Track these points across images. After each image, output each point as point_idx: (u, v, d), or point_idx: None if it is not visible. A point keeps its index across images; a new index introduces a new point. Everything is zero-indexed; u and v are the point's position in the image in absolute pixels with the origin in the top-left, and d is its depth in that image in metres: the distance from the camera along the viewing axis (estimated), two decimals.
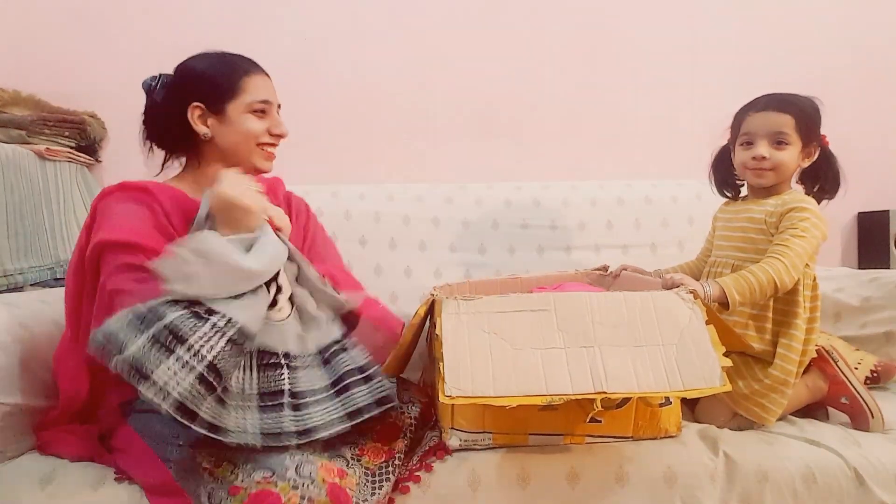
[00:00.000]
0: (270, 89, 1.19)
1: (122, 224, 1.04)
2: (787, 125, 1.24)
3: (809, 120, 1.25)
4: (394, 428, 1.08)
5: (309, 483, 0.88)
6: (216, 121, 1.15)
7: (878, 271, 1.65)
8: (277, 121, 1.20)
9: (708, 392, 0.94)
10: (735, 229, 1.34)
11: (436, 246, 1.74)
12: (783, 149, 1.25)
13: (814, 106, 1.27)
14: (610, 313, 1.01)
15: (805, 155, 1.27)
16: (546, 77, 2.03)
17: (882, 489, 1.08)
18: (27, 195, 1.56)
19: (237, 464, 0.92)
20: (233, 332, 0.92)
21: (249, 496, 0.85)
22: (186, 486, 0.92)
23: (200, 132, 1.14)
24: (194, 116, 1.14)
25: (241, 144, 1.16)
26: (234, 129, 1.15)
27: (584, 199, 1.82)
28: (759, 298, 1.16)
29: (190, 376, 0.88)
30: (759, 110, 1.28)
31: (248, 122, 1.15)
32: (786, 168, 1.26)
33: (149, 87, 1.17)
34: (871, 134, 2.08)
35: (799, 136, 1.24)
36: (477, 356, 0.96)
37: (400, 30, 1.98)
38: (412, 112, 1.99)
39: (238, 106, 1.14)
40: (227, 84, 1.14)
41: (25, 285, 1.54)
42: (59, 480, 1.00)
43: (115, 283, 0.99)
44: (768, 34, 2.08)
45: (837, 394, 1.25)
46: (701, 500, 1.05)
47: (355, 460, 1.01)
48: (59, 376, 1.12)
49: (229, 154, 1.17)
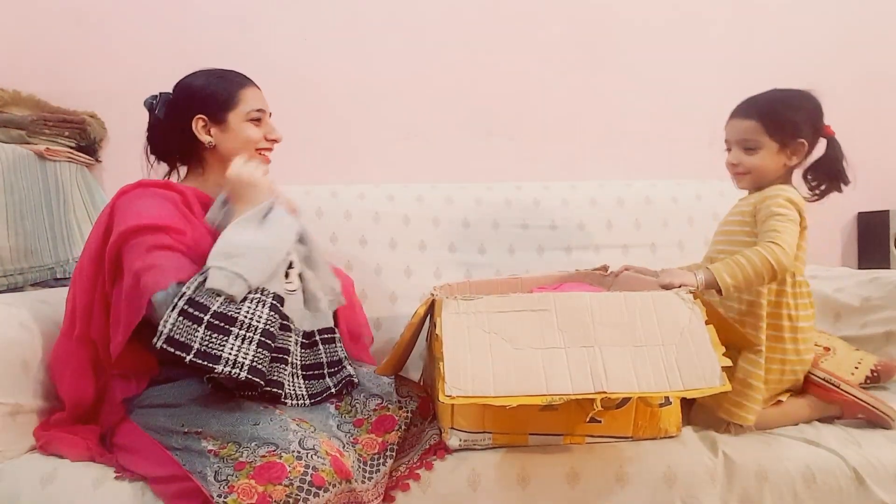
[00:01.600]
0: (263, 99, 1.29)
1: (144, 212, 1.10)
2: (752, 130, 1.25)
3: (780, 120, 1.24)
4: (389, 420, 1.09)
5: (313, 454, 0.92)
6: (218, 130, 1.24)
7: (878, 271, 1.65)
8: (272, 127, 1.30)
9: (708, 392, 0.94)
10: (724, 223, 1.35)
11: (436, 246, 1.74)
12: (753, 154, 1.25)
13: (789, 103, 1.26)
14: (610, 313, 1.01)
15: (791, 153, 1.25)
16: (546, 77, 2.03)
17: (882, 489, 1.08)
18: (27, 195, 1.56)
19: (241, 443, 0.95)
20: (271, 299, 1.05)
21: (255, 469, 0.89)
22: (193, 469, 0.94)
23: (205, 141, 1.23)
24: (198, 127, 1.22)
25: (242, 150, 1.24)
26: (235, 137, 1.24)
27: (583, 199, 1.82)
28: (756, 281, 1.13)
29: (252, 346, 1.00)
30: (731, 117, 1.30)
31: (248, 129, 1.25)
32: (761, 171, 1.26)
33: (150, 105, 1.26)
34: (871, 134, 2.08)
35: (771, 138, 1.24)
36: (477, 356, 0.97)
37: (400, 30, 1.98)
38: (412, 112, 1.99)
39: (237, 115, 1.24)
40: (227, 96, 1.23)
41: (25, 285, 1.54)
42: (60, 480, 1.00)
43: (144, 261, 1.04)
44: (768, 33, 2.08)
45: (852, 413, 1.23)
46: (701, 500, 1.05)
47: (350, 446, 1.03)
48: (61, 382, 1.13)
49: (231, 159, 1.23)
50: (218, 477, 0.90)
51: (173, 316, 0.98)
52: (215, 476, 0.91)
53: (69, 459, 1.06)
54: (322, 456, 0.92)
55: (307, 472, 0.89)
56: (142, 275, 1.03)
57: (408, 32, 1.98)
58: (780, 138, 1.24)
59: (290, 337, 1.12)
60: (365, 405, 1.10)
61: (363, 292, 1.63)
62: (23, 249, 1.53)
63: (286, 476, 0.88)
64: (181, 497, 0.94)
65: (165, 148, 1.28)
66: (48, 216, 1.63)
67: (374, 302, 1.64)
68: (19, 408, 1.10)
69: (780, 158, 1.25)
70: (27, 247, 1.55)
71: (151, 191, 1.16)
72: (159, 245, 1.06)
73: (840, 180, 1.27)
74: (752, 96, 1.29)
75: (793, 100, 1.26)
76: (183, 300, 0.99)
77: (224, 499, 0.87)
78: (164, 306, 1.00)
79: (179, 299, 0.99)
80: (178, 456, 0.98)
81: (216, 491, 0.88)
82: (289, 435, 0.95)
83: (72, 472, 1.02)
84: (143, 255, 1.05)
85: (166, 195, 1.16)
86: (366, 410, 1.10)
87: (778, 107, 1.25)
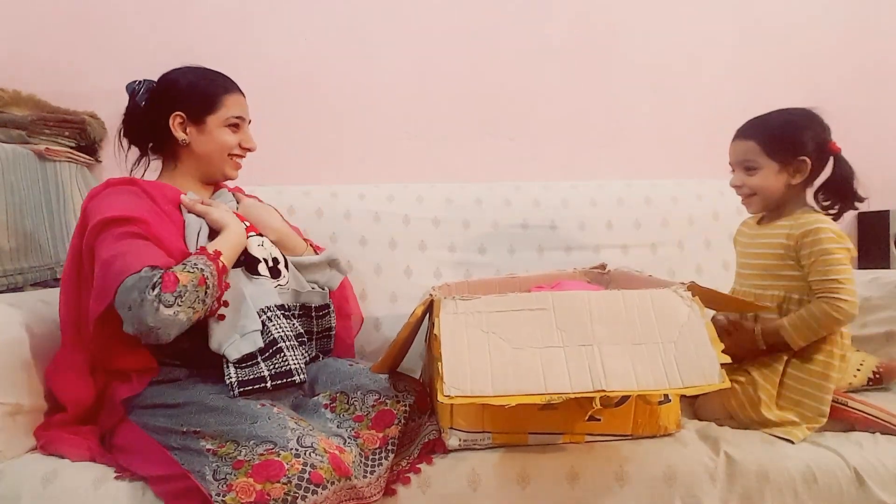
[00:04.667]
0: (245, 107, 1.32)
1: (113, 205, 1.11)
2: (750, 151, 1.26)
3: (779, 139, 1.24)
4: (388, 415, 1.09)
5: (311, 452, 0.92)
6: (195, 130, 1.26)
7: (878, 271, 1.65)
8: (248, 136, 1.33)
9: (707, 389, 0.93)
10: (753, 256, 1.33)
11: (436, 246, 1.74)
12: (754, 174, 1.27)
13: (789, 122, 1.26)
14: (608, 311, 1.01)
15: (794, 171, 1.25)
16: (546, 77, 2.03)
17: (882, 489, 1.08)
18: (27, 195, 1.57)
19: (239, 441, 0.95)
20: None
21: (253, 467, 0.90)
22: (192, 468, 0.94)
23: (179, 138, 1.25)
24: (175, 123, 1.25)
25: (216, 153, 1.28)
26: (211, 139, 1.27)
27: (583, 199, 1.82)
28: (822, 334, 1.18)
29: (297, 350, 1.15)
30: (733, 139, 1.31)
31: (224, 134, 1.27)
32: (766, 191, 1.26)
33: (132, 90, 1.29)
34: (872, 134, 2.07)
35: (770, 158, 1.25)
36: (475, 356, 0.96)
37: (400, 30, 1.98)
38: (412, 112, 1.99)
39: (216, 119, 1.26)
40: (210, 98, 1.26)
41: (25, 285, 1.54)
42: (60, 480, 1.00)
43: (115, 248, 1.05)
44: (768, 35, 2.08)
45: (865, 427, 1.21)
46: (701, 499, 1.05)
47: (352, 440, 1.04)
48: (59, 390, 1.14)
49: (203, 161, 1.28)
50: (216, 476, 0.91)
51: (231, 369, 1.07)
52: (214, 475, 0.91)
53: (70, 459, 1.06)
54: (320, 453, 0.92)
55: (305, 469, 0.89)
56: (113, 262, 1.03)
57: (408, 32, 1.98)
58: (779, 158, 1.24)
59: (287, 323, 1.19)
60: (363, 402, 1.10)
61: (363, 292, 1.64)
62: (23, 249, 1.53)
63: (284, 474, 0.88)
64: (181, 496, 0.94)
65: (140, 135, 1.31)
66: (48, 216, 1.64)
67: (374, 302, 1.65)
68: (19, 408, 1.10)
69: (782, 178, 1.25)
70: (27, 247, 1.55)
71: (118, 188, 1.18)
72: (129, 234, 1.08)
73: (853, 199, 1.26)
74: (753, 118, 1.30)
75: (792, 118, 1.26)
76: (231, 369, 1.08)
77: (223, 497, 0.87)
78: (133, 290, 0.99)
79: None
80: (176, 455, 0.98)
81: (215, 490, 0.89)
82: (287, 433, 0.95)
83: (72, 472, 1.03)
84: (113, 243, 1.06)
85: (131, 190, 1.18)
86: (364, 407, 1.10)
87: (776, 126, 1.26)
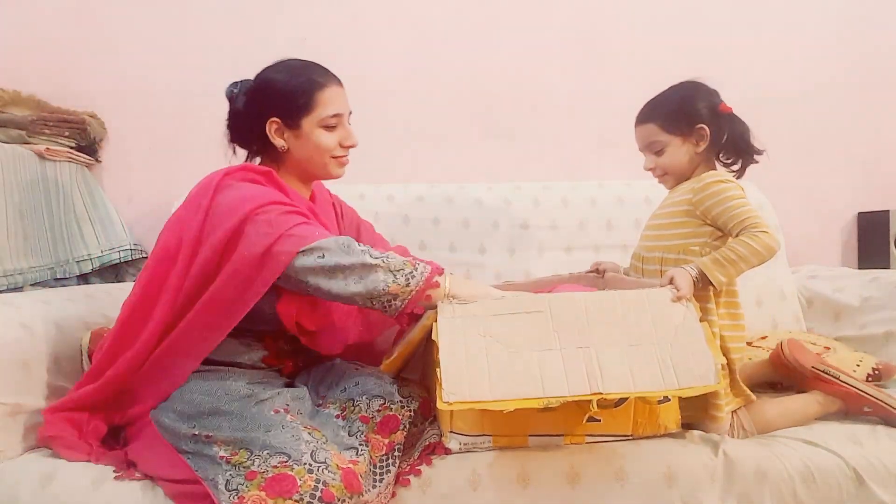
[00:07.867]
0: (342, 100, 1.25)
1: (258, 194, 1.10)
2: (653, 133, 1.29)
3: (675, 114, 1.27)
4: (394, 420, 1.09)
5: (324, 468, 0.91)
6: (292, 135, 1.21)
7: (878, 271, 1.65)
8: (348, 132, 1.26)
9: (703, 390, 0.94)
10: (659, 217, 1.34)
11: (436, 246, 1.74)
12: (662, 154, 1.29)
13: (680, 96, 1.29)
14: (605, 313, 1.01)
15: (697, 140, 1.26)
16: (546, 77, 2.03)
17: (882, 489, 1.08)
18: (27, 195, 1.57)
19: (253, 450, 0.94)
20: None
21: (266, 480, 0.89)
22: (205, 476, 0.94)
23: (277, 145, 1.21)
24: (272, 130, 1.20)
25: (316, 157, 1.23)
26: (309, 143, 1.21)
27: (584, 199, 1.82)
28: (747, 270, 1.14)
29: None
30: (635, 126, 1.33)
31: (321, 137, 1.21)
32: (675, 166, 1.29)
33: (231, 94, 1.25)
34: (871, 134, 2.07)
35: (671, 134, 1.27)
36: (473, 360, 0.96)
37: (400, 30, 1.98)
38: (412, 112, 1.99)
39: (311, 121, 1.20)
40: (303, 100, 1.19)
41: (25, 285, 1.54)
42: (60, 480, 1.00)
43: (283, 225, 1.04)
44: (767, 35, 2.07)
45: (858, 407, 1.22)
46: (701, 499, 1.05)
47: (364, 446, 1.03)
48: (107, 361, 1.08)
49: (304, 164, 1.24)
50: (229, 486, 0.90)
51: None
52: (227, 485, 0.90)
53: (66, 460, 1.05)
54: (333, 470, 0.91)
55: (318, 486, 0.88)
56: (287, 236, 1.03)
57: (408, 32, 1.98)
58: (679, 131, 1.27)
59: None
60: (368, 406, 1.10)
61: None
62: (23, 249, 1.53)
63: (297, 490, 0.87)
64: (189, 498, 0.94)
65: (244, 139, 1.27)
66: (48, 216, 1.64)
67: None
68: (19, 408, 1.10)
69: (687, 149, 1.27)
70: (27, 247, 1.55)
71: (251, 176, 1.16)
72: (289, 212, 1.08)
73: (750, 153, 1.28)
74: (647, 102, 1.33)
75: (682, 92, 1.30)
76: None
77: None
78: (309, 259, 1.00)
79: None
80: (189, 460, 0.97)
81: (226, 500, 0.88)
82: (301, 445, 0.94)
83: (72, 472, 1.02)
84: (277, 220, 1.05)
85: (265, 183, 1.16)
86: (370, 410, 1.09)
87: (669, 103, 1.29)
